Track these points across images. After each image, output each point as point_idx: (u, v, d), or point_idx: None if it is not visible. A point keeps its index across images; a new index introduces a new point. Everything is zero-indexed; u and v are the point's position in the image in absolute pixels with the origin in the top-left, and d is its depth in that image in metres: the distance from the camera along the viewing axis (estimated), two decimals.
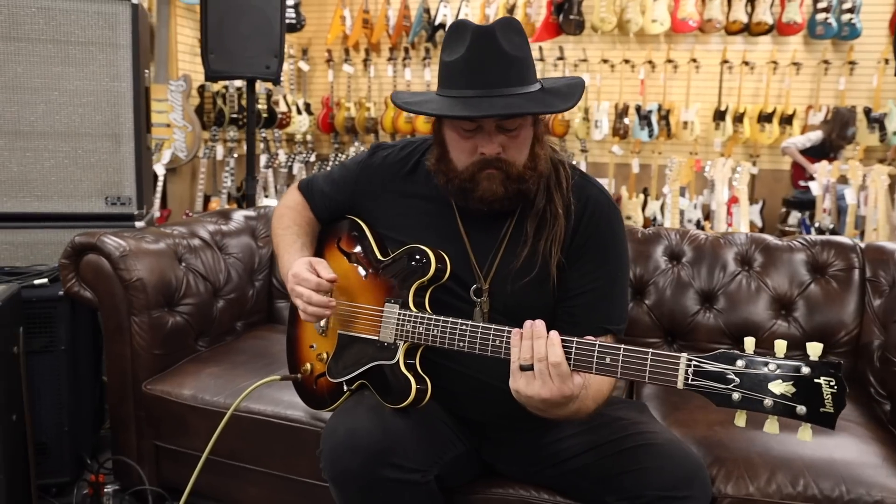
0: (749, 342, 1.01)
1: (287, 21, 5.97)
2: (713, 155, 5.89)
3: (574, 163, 5.65)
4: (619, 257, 1.44)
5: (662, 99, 5.99)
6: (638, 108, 5.93)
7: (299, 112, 6.17)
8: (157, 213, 4.64)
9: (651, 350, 1.07)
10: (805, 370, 0.95)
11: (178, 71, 5.03)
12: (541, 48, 6.17)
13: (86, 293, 1.91)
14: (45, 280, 1.98)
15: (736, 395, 0.99)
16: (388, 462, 1.29)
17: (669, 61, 5.99)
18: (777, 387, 0.96)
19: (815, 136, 5.48)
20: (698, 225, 5.27)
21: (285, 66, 6.14)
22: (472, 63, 1.28)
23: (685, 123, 5.92)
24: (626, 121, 5.99)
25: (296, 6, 6.12)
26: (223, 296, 2.18)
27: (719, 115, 5.87)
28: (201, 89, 5.27)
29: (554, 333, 1.15)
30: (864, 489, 1.39)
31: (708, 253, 2.09)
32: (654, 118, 5.92)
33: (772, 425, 0.99)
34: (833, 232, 4.73)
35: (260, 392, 1.73)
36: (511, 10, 6.06)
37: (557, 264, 1.39)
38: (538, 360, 1.14)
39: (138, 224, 2.30)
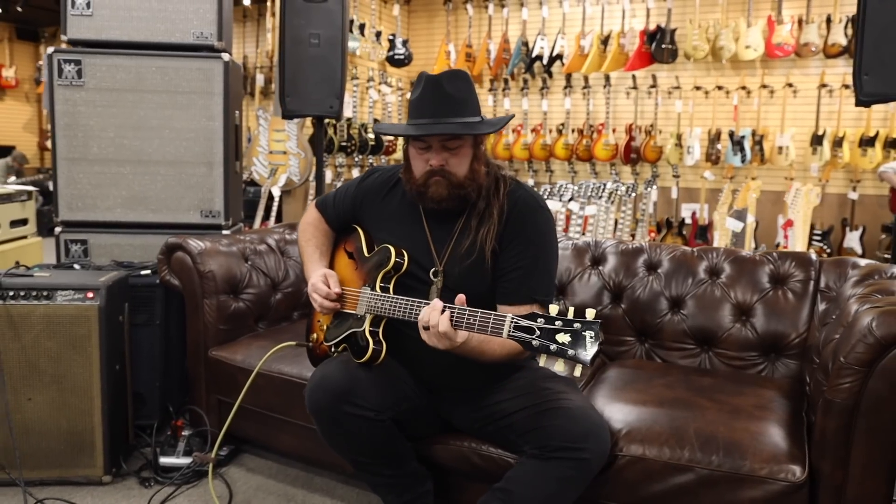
0: (553, 308, 1.39)
1: (396, 56, 6.70)
2: (811, 180, 5.84)
3: (655, 187, 5.76)
4: (541, 244, 1.83)
5: (756, 124, 6.00)
6: (731, 134, 5.99)
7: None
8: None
9: (494, 313, 1.48)
10: (577, 326, 1.34)
11: None
12: (634, 77, 6.41)
13: (174, 281, 2.52)
14: (149, 271, 2.62)
15: (536, 343, 1.39)
16: (348, 401, 1.75)
17: (764, 86, 6.01)
18: (561, 337, 1.34)
19: None
20: (777, 247, 5.28)
21: (393, 98, 6.84)
22: (423, 101, 1.76)
23: (780, 148, 5.89)
24: (719, 146, 6.07)
25: (404, 43, 6.79)
26: (281, 290, 2.73)
27: (816, 140, 5.79)
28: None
29: (445, 313, 1.56)
30: (739, 457, 1.64)
31: (681, 265, 2.37)
32: (747, 143, 5.94)
33: (559, 365, 1.36)
34: None
35: (291, 359, 2.25)
36: (605, 41, 6.35)
37: (492, 250, 1.80)
38: (432, 325, 1.57)
39: (225, 232, 2.91)
